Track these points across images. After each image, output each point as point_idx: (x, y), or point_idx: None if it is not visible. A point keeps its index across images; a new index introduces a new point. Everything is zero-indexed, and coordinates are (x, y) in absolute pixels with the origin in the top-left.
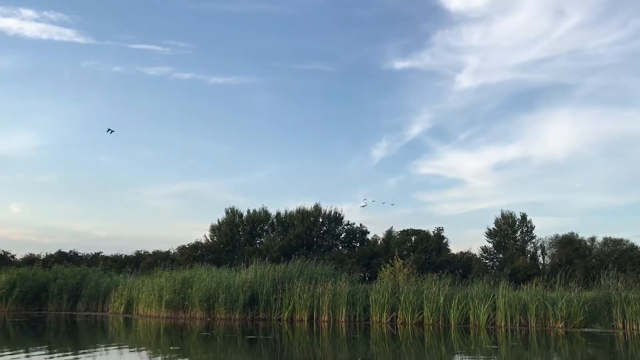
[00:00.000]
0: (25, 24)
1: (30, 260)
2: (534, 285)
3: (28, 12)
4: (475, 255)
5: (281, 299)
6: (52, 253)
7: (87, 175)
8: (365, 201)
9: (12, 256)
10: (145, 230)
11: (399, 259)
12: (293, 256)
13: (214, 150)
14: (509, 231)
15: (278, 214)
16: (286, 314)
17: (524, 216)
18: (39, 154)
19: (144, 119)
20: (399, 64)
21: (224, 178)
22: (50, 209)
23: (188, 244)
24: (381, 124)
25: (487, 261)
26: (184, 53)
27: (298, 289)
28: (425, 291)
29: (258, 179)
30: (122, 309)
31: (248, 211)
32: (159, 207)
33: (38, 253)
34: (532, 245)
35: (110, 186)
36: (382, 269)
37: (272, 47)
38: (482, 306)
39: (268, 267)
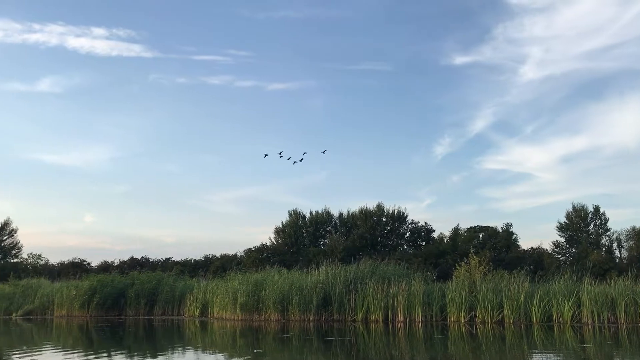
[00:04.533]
0: (97, 42)
1: (105, 267)
2: (611, 279)
3: (99, 31)
4: (547, 250)
5: (354, 300)
6: (125, 259)
7: (155, 184)
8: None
9: (89, 264)
10: (212, 235)
11: (474, 256)
12: (357, 256)
13: (275, 154)
14: (582, 224)
15: (341, 214)
16: (360, 315)
17: (596, 208)
18: (111, 165)
19: (208, 127)
20: (459, 59)
21: (286, 181)
22: (121, 218)
23: (254, 247)
24: (443, 121)
25: (560, 256)
26: (244, 61)
27: (371, 290)
28: (504, 289)
29: (319, 180)
30: (197, 313)
31: (311, 213)
32: (224, 212)
33: (112, 260)
34: (607, 238)
35: (177, 194)
36: (457, 267)
37: (329, 49)
38: (566, 303)
39: (339, 267)
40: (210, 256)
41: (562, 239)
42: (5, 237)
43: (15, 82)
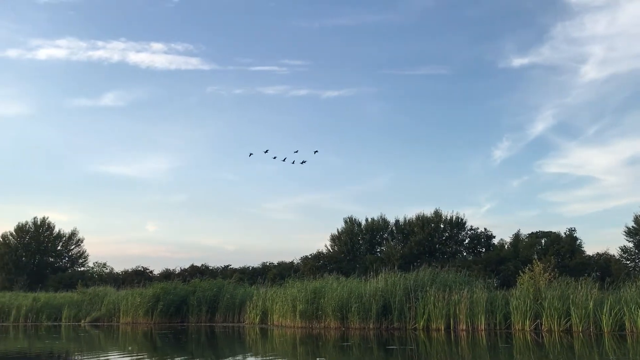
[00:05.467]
0: (156, 57)
1: (167, 275)
2: None
3: (158, 46)
4: (614, 256)
5: (415, 308)
6: (186, 267)
7: (214, 193)
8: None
9: (151, 272)
10: (269, 243)
11: (538, 263)
12: (416, 264)
13: (330, 162)
14: None
15: (397, 221)
16: (421, 323)
17: None
18: (171, 175)
19: (264, 136)
20: (518, 61)
21: (341, 188)
22: (182, 227)
23: (310, 255)
24: (501, 124)
25: (628, 262)
26: (300, 70)
27: (432, 297)
28: (571, 296)
29: (374, 187)
30: (257, 320)
31: (366, 220)
32: (281, 220)
33: (173, 268)
34: None
35: (235, 202)
36: (520, 274)
37: (383, 55)
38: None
39: (398, 275)
40: (268, 263)
41: (631, 244)
42: (72, 247)
43: (81, 98)
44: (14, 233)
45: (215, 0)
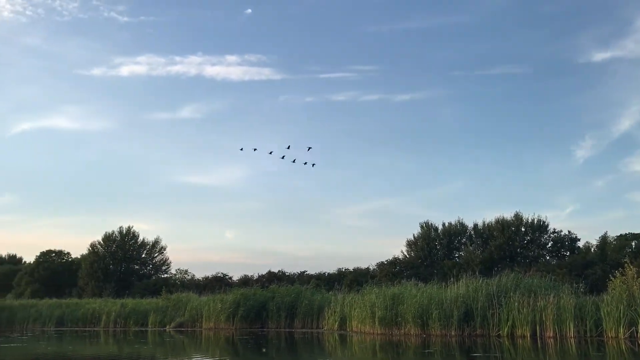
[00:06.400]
0: (230, 69)
1: (245, 281)
2: None
3: (232, 58)
4: None
5: (498, 314)
6: (264, 273)
7: (288, 200)
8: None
9: (230, 278)
10: (343, 248)
11: (630, 266)
12: (497, 269)
13: (404, 166)
14: None
15: (475, 225)
16: (505, 330)
17: None
18: (246, 184)
19: (335, 143)
20: (599, 56)
21: (416, 193)
22: (258, 233)
23: (386, 260)
24: (582, 122)
25: None
26: (370, 76)
27: (516, 303)
28: None
29: (450, 191)
30: (336, 326)
31: (443, 224)
32: (355, 226)
33: (251, 274)
34: None
35: (309, 209)
36: (611, 278)
37: (455, 57)
38: None
39: (479, 280)
40: (344, 269)
41: None
42: (156, 255)
43: (161, 111)
44: (102, 242)
45: (286, 11)
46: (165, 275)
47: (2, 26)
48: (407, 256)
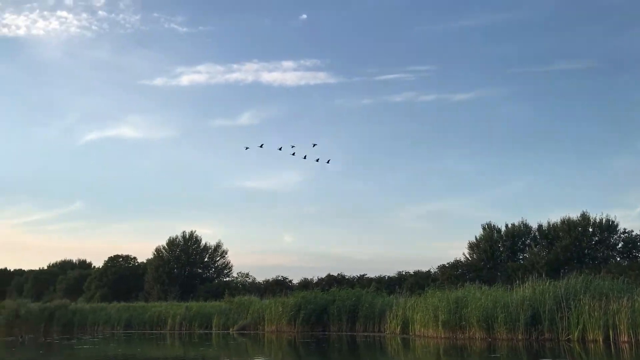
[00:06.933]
0: (286, 75)
1: (305, 284)
2: None
3: (288, 64)
4: None
5: (568, 318)
6: (323, 277)
7: (346, 203)
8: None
9: (290, 281)
10: (403, 251)
11: None
12: (564, 270)
13: (464, 167)
14: None
15: (540, 226)
16: (576, 334)
17: None
18: (303, 187)
19: (393, 144)
20: None
21: (477, 194)
22: (315, 237)
23: (447, 263)
24: None
25: None
26: (426, 76)
27: (587, 306)
28: None
29: (512, 191)
30: (398, 330)
31: (506, 226)
32: (415, 228)
33: (311, 277)
34: None
35: (367, 211)
36: None
37: (513, 54)
38: None
39: (546, 283)
40: (404, 272)
41: None
42: (218, 258)
43: (220, 119)
44: (166, 247)
45: (340, 14)
46: (227, 279)
47: (70, 41)
48: (469, 258)
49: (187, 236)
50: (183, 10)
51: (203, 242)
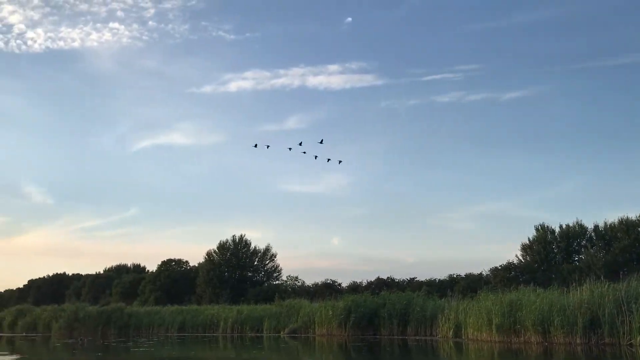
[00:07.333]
0: (332, 78)
1: (354, 287)
2: None
3: (333, 67)
4: None
5: (630, 322)
6: (372, 280)
7: (395, 205)
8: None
9: (339, 284)
10: (453, 254)
11: None
12: (623, 272)
13: (515, 167)
14: None
15: (596, 227)
16: (638, 339)
17: None
18: (350, 190)
19: (441, 145)
20: None
21: (529, 194)
22: (364, 240)
23: (500, 265)
24: None
25: None
26: (474, 75)
27: None
28: None
29: (566, 191)
30: (451, 333)
31: (560, 226)
32: (465, 230)
33: (359, 280)
34: None
35: (415, 213)
36: None
37: (565, 50)
38: None
39: (605, 285)
40: (455, 275)
41: None
42: (267, 262)
43: (268, 123)
44: (217, 251)
45: (385, 16)
46: (277, 282)
47: (122, 52)
48: (522, 261)
49: (237, 240)
50: (230, 18)
51: (252, 246)
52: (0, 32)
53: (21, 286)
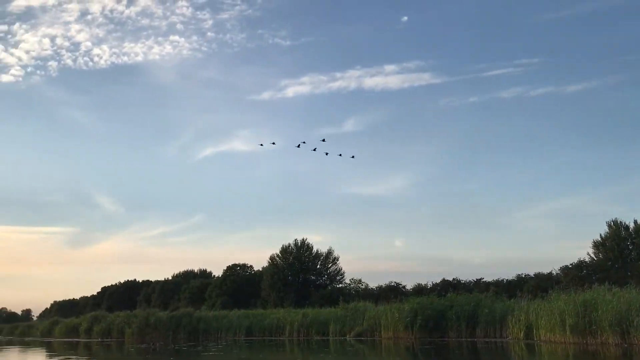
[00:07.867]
0: (389, 79)
1: (419, 289)
2: None
3: (390, 67)
4: None
5: None
6: (437, 282)
7: (457, 205)
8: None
9: (404, 287)
10: (521, 253)
11: None
12: None
13: (583, 162)
14: None
15: None
16: None
17: None
18: (413, 191)
19: (503, 142)
20: None
21: (599, 189)
22: (427, 241)
23: (571, 264)
24: None
25: None
26: (537, 69)
27: None
28: None
29: (637, 185)
30: (522, 335)
31: (635, 222)
32: (534, 228)
33: (424, 282)
34: None
35: (480, 213)
36: None
37: (630, 39)
38: None
39: None
40: (523, 275)
41: None
42: (329, 265)
43: (326, 127)
44: (280, 255)
45: (442, 13)
46: (340, 285)
47: (183, 63)
48: (595, 258)
49: (299, 244)
50: (285, 24)
51: (315, 249)
52: (69, 50)
53: (95, 293)
